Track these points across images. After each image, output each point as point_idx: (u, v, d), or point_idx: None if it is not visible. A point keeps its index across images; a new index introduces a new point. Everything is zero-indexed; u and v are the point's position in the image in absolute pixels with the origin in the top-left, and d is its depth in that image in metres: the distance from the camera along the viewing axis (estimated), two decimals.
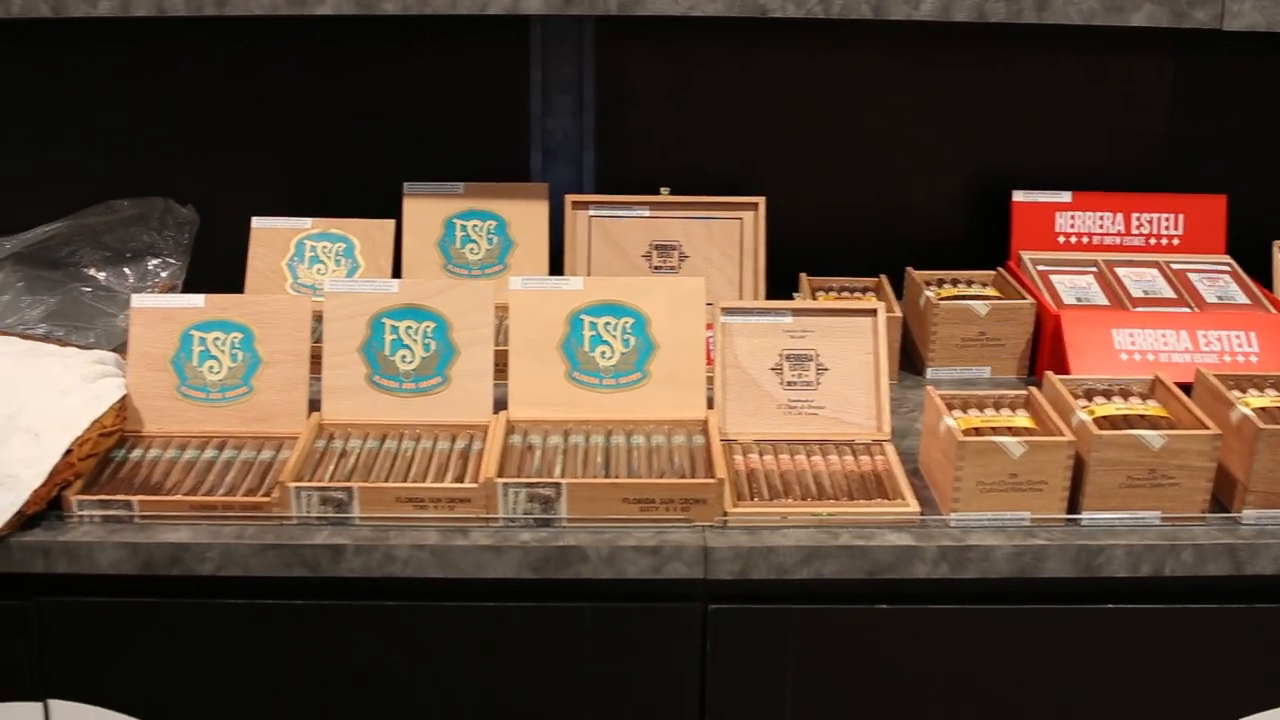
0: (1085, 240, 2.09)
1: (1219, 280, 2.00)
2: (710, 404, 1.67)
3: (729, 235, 1.97)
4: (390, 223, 1.99)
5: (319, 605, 1.52)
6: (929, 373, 1.91)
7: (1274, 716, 1.58)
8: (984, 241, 2.13)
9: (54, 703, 1.56)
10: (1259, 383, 1.66)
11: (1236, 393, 1.61)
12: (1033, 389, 1.64)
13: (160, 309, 1.68)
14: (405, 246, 1.99)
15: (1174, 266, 2.03)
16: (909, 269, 2.00)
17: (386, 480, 1.54)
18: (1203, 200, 2.09)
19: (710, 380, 1.68)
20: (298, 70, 2.08)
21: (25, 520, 1.48)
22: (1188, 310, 1.91)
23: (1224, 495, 1.55)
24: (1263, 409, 1.57)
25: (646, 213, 1.98)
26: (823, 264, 2.03)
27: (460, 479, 1.54)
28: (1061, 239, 2.08)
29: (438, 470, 1.56)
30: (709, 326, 1.69)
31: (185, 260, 2.05)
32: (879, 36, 2.02)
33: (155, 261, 2.05)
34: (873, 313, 1.70)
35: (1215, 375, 1.63)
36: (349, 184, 2.07)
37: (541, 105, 2.08)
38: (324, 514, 1.50)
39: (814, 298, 1.95)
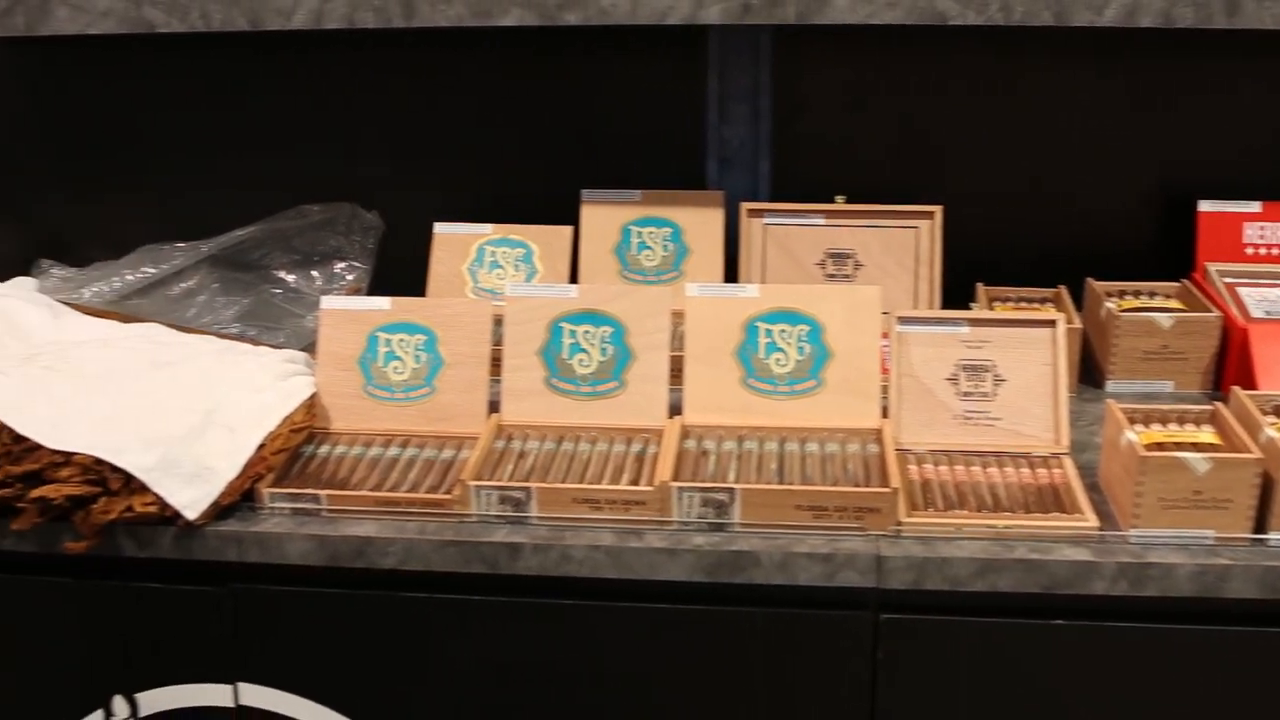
0: (1275, 252, 2.02)
1: None
2: (885, 413, 1.66)
3: (904, 244, 1.96)
4: (568, 229, 2.02)
5: (495, 601, 1.55)
6: (1109, 385, 1.87)
7: None
8: (1168, 252, 2.08)
9: (243, 685, 1.62)
10: None
11: None
12: (1218, 404, 1.60)
13: (348, 310, 1.74)
14: (582, 252, 2.02)
15: None
16: (1089, 280, 1.97)
17: (563, 481, 1.57)
18: None
19: (885, 389, 1.67)
20: (479, 79, 2.13)
21: (220, 511, 1.55)
22: None
23: None
24: None
25: (821, 221, 1.98)
26: (1000, 274, 2.00)
27: (635, 482, 1.56)
28: (1250, 250, 2.02)
29: (613, 472, 1.59)
30: (884, 335, 1.69)
31: (370, 264, 2.11)
32: (1060, 42, 1.99)
33: (341, 265, 2.12)
34: (1052, 324, 1.68)
35: None
36: (528, 191, 2.11)
37: (718, 114, 2.10)
38: (503, 512, 1.54)
39: (991, 308, 1.93)
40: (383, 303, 1.74)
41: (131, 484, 1.52)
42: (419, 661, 1.59)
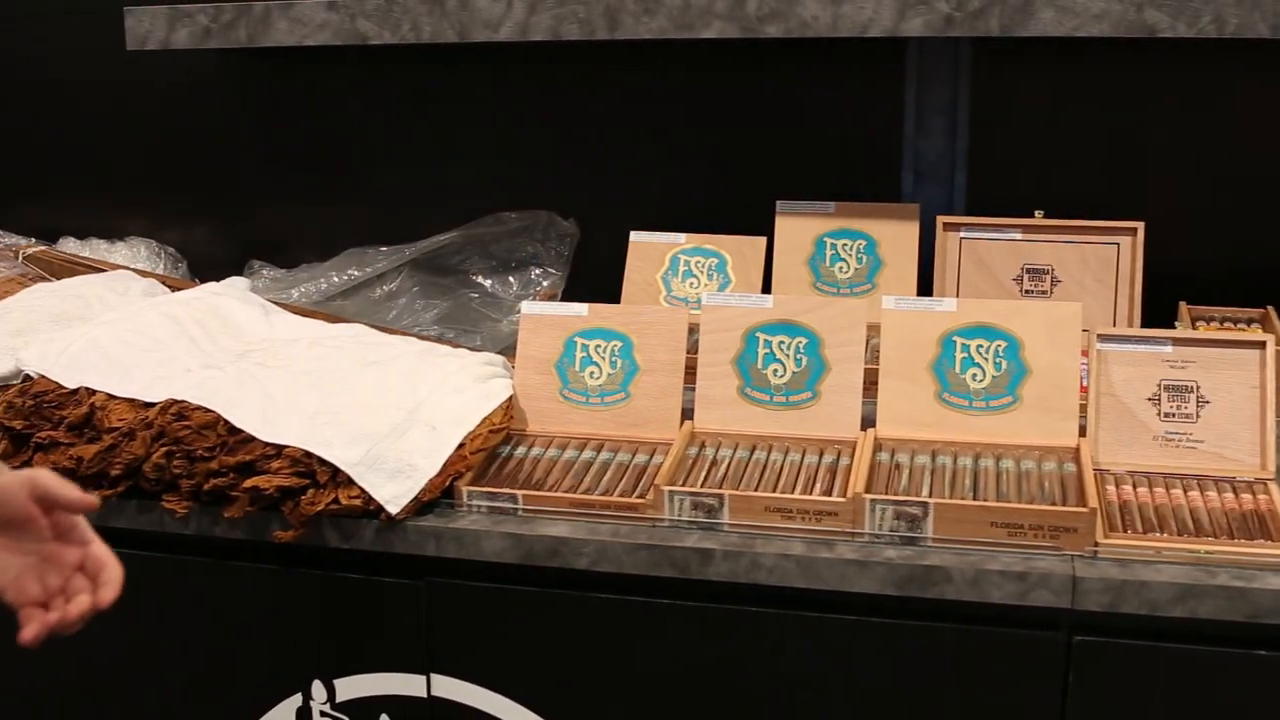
0: None
1: None
2: (1082, 432, 1.64)
3: (1104, 261, 1.92)
4: (761, 240, 2.03)
5: (685, 606, 1.56)
6: None
7: None
8: None
9: (436, 677, 1.67)
10: None
11: None
12: None
13: (547, 316, 1.78)
14: (775, 263, 2.03)
15: None
16: None
17: (755, 489, 1.58)
18: None
19: (1083, 408, 1.65)
20: (678, 90, 2.15)
21: (420, 506, 1.60)
22: None
23: None
24: None
25: (1018, 235, 1.95)
26: (1203, 293, 1.95)
27: (828, 492, 1.57)
28: None
29: (805, 482, 1.59)
30: (1084, 353, 1.66)
31: (565, 271, 2.16)
32: (1270, 55, 1.93)
33: (537, 271, 2.17)
34: (1261, 345, 1.63)
35: None
36: (723, 201, 2.13)
37: (915, 126, 2.09)
38: (695, 518, 1.56)
39: (1194, 328, 1.88)
40: (580, 309, 1.77)
41: (338, 477, 1.58)
42: (607, 662, 1.62)
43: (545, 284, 2.13)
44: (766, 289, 2.02)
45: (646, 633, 1.59)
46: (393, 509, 1.57)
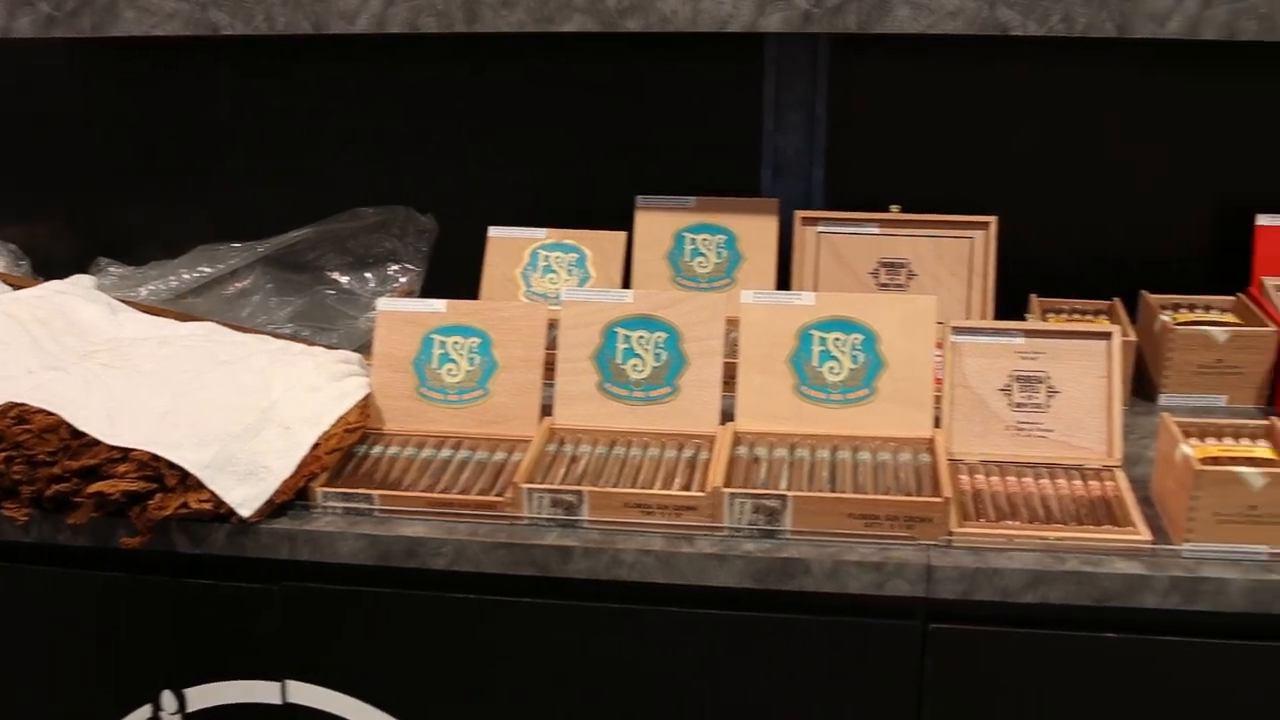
0: None
1: None
2: (937, 423, 1.66)
3: (959, 254, 1.95)
4: (622, 235, 2.03)
5: (545, 604, 1.56)
6: (1161, 399, 1.86)
7: None
8: (1224, 266, 2.06)
9: (291, 683, 1.63)
10: None
11: None
12: (1274, 419, 1.58)
13: (404, 313, 1.75)
14: (635, 258, 2.03)
15: None
16: (1144, 292, 1.96)
17: (615, 485, 1.57)
18: None
19: (938, 399, 1.67)
20: (537, 85, 2.14)
21: (274, 509, 1.56)
22: None
23: None
24: None
25: (875, 230, 1.97)
26: (1054, 285, 1.99)
27: (687, 487, 1.57)
28: None
29: (665, 478, 1.59)
30: (938, 346, 1.69)
31: (423, 267, 2.13)
32: (1120, 54, 1.97)
33: (395, 267, 2.14)
34: (1108, 336, 1.67)
35: None
36: (582, 196, 2.12)
37: (774, 121, 2.10)
38: (554, 515, 1.54)
39: (1044, 319, 1.92)
40: (438, 305, 1.75)
41: (187, 481, 1.54)
42: (467, 663, 1.60)
43: (403, 280, 2.10)
44: (627, 284, 2.01)
45: (507, 632, 1.58)
46: (244, 512, 1.53)
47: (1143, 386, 1.90)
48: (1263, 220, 2.01)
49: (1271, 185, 2.06)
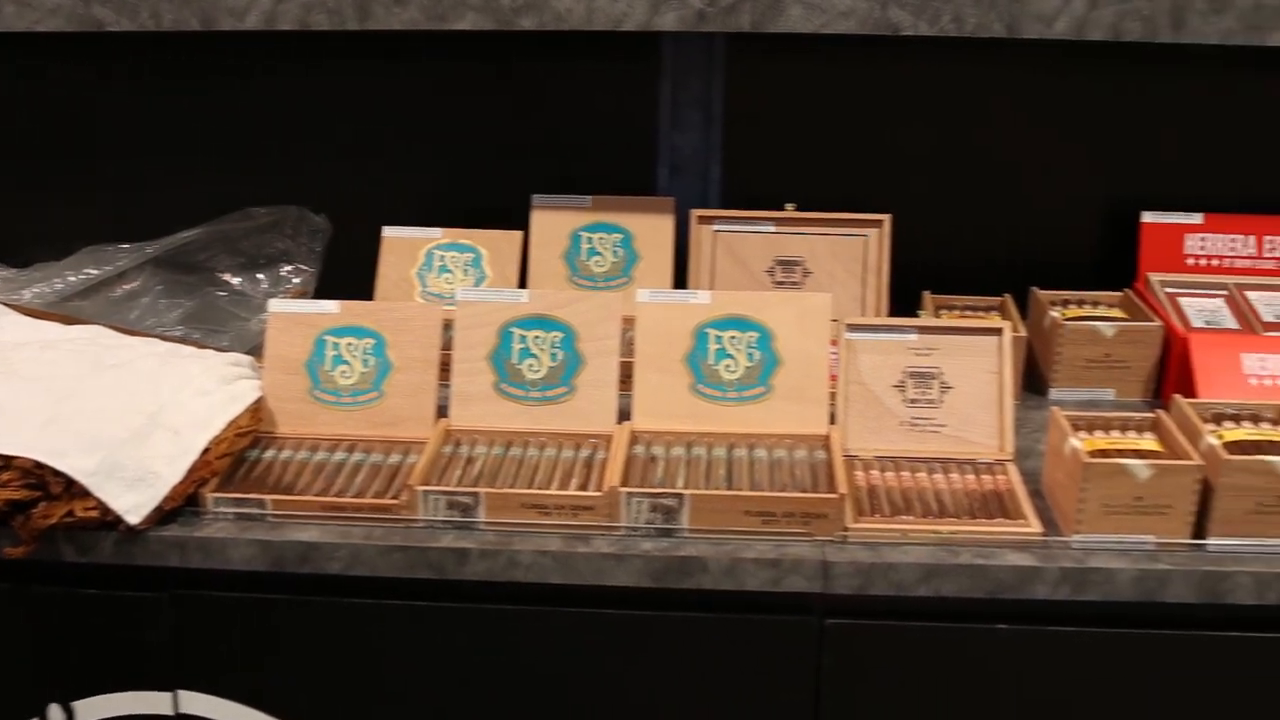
0: (1215, 263, 2.05)
1: None
2: (833, 420, 1.67)
3: (853, 252, 1.97)
4: (518, 234, 2.02)
5: (442, 607, 1.54)
6: (1052, 393, 1.89)
7: None
8: (1111, 262, 2.10)
9: (183, 693, 1.60)
10: None
11: None
12: (1160, 412, 1.62)
13: (296, 314, 1.73)
14: (532, 258, 2.02)
15: None
16: (1034, 289, 1.99)
17: (512, 486, 1.56)
18: None
19: (833, 396, 1.68)
20: (430, 83, 2.12)
21: (163, 516, 1.53)
22: None
23: None
24: None
25: (771, 228, 1.98)
26: (946, 282, 2.02)
27: (584, 487, 1.56)
28: (1191, 261, 2.05)
29: (562, 478, 1.58)
30: (833, 343, 1.70)
31: (317, 268, 2.10)
32: (1011, 54, 2.00)
33: (288, 268, 2.10)
34: (998, 331, 1.69)
35: None
36: (478, 195, 2.10)
37: (670, 120, 2.10)
38: (450, 518, 1.53)
39: (937, 316, 1.95)
40: (331, 306, 1.73)
41: (73, 488, 1.50)
42: (364, 668, 1.58)
43: (296, 281, 2.07)
44: (523, 284, 2.00)
45: (404, 637, 1.56)
46: (133, 519, 1.50)
47: (1034, 381, 1.93)
48: (1148, 217, 2.05)
49: (1157, 183, 2.10)
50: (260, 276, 2.10)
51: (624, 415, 1.69)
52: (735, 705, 1.56)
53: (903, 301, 1.97)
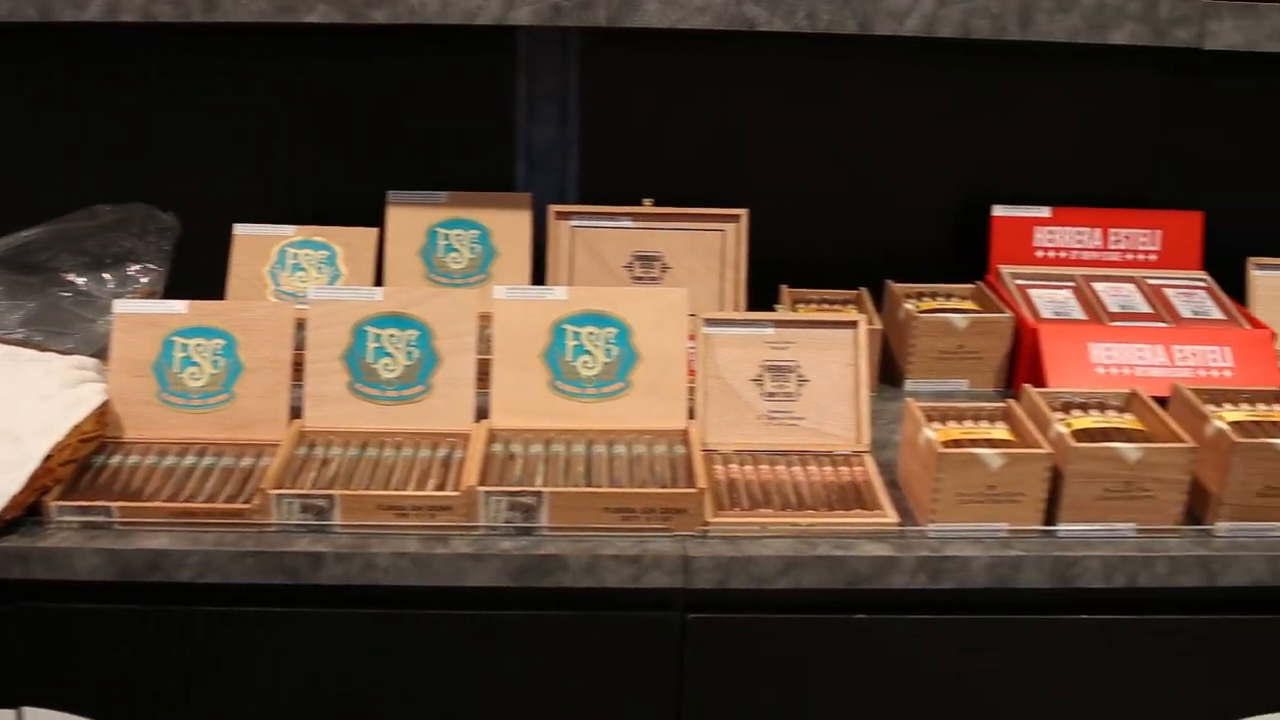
0: (1063, 255, 2.10)
1: (1195, 296, 2.02)
2: (691, 414, 1.68)
3: (711, 247, 1.98)
4: (373, 231, 1.99)
5: (298, 613, 1.52)
6: (907, 385, 1.92)
7: None
8: (964, 255, 2.14)
9: (29, 710, 1.55)
10: (1234, 397, 1.67)
11: (1211, 407, 1.63)
12: (1011, 402, 1.65)
13: (143, 315, 1.68)
14: (388, 255, 1.99)
15: (1151, 282, 2.05)
16: (889, 282, 2.01)
17: (368, 488, 1.54)
18: (1179, 217, 2.11)
19: (691, 391, 1.68)
20: (283, 78, 2.08)
21: (4, 526, 1.48)
22: (1164, 325, 1.93)
23: (1198, 508, 1.56)
24: (1237, 423, 1.58)
25: (629, 224, 1.98)
26: (804, 276, 2.03)
27: (441, 487, 1.54)
28: (1040, 254, 2.10)
29: (419, 478, 1.56)
30: (691, 337, 1.70)
31: (166, 267, 2.04)
32: (864, 51, 2.03)
33: (135, 268, 2.04)
34: (853, 325, 1.71)
35: (1191, 390, 1.64)
36: (332, 192, 2.07)
37: (526, 115, 2.09)
38: (304, 521, 1.50)
39: (794, 310, 1.96)
40: (179, 306, 1.69)
41: None
42: (220, 678, 1.55)
43: (144, 281, 2.01)
44: (379, 281, 1.97)
45: (260, 644, 1.53)
46: None
47: (889, 373, 1.96)
48: (999, 211, 2.10)
49: (1007, 177, 2.15)
50: (106, 276, 2.03)
51: (482, 413, 1.67)
52: (599, 702, 1.56)
53: (761, 296, 1.99)
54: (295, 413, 1.67)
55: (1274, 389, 1.69)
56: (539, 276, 1.99)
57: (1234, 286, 2.05)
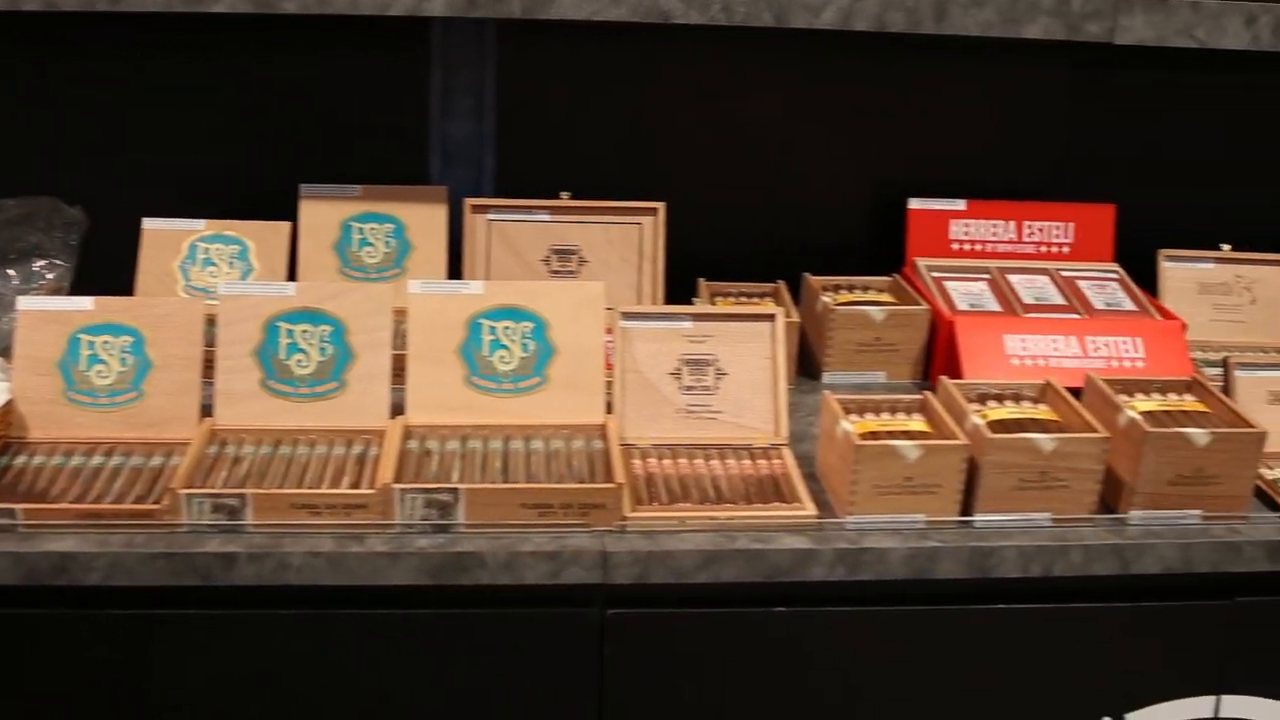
0: (979, 248, 2.12)
1: (1107, 288, 2.04)
2: (609, 409, 1.67)
3: (628, 240, 1.97)
4: (286, 225, 1.96)
5: (210, 615, 1.49)
6: (825, 377, 1.93)
7: (1157, 711, 1.62)
8: (881, 248, 2.15)
9: None
10: (1145, 387, 1.70)
11: (1124, 397, 1.65)
12: (927, 393, 1.66)
13: (48, 311, 1.64)
14: (301, 249, 1.96)
15: (1064, 274, 2.07)
16: (806, 275, 2.02)
17: (281, 487, 1.52)
18: (1092, 209, 2.14)
19: (609, 385, 1.67)
20: (193, 69, 2.04)
21: None
22: (1077, 317, 1.95)
23: (1112, 497, 1.58)
24: (1149, 413, 1.61)
25: (546, 217, 1.97)
26: (722, 270, 2.03)
27: (356, 485, 1.52)
28: (956, 246, 2.12)
29: (334, 476, 1.54)
30: (608, 331, 1.69)
31: (73, 262, 2.00)
32: (781, 44, 2.03)
33: (41, 263, 2.00)
34: (771, 318, 1.71)
35: (1104, 380, 1.66)
36: (244, 185, 2.03)
37: (441, 108, 2.07)
38: (216, 521, 1.47)
39: (713, 303, 1.96)
40: (85, 303, 1.65)
41: None
42: (131, 682, 1.51)
43: (50, 277, 1.96)
44: (293, 277, 1.95)
45: (173, 647, 1.50)
46: None
47: (808, 365, 1.96)
48: (914, 204, 2.11)
49: (923, 171, 2.16)
50: (11, 272, 1.99)
51: (397, 410, 1.65)
52: (519, 699, 1.55)
53: (679, 289, 1.98)
54: (206, 410, 1.64)
55: (1185, 379, 1.72)
56: (455, 271, 1.97)
57: (1145, 278, 2.08)
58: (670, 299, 1.96)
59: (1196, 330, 2.02)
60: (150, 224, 1.95)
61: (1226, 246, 2.11)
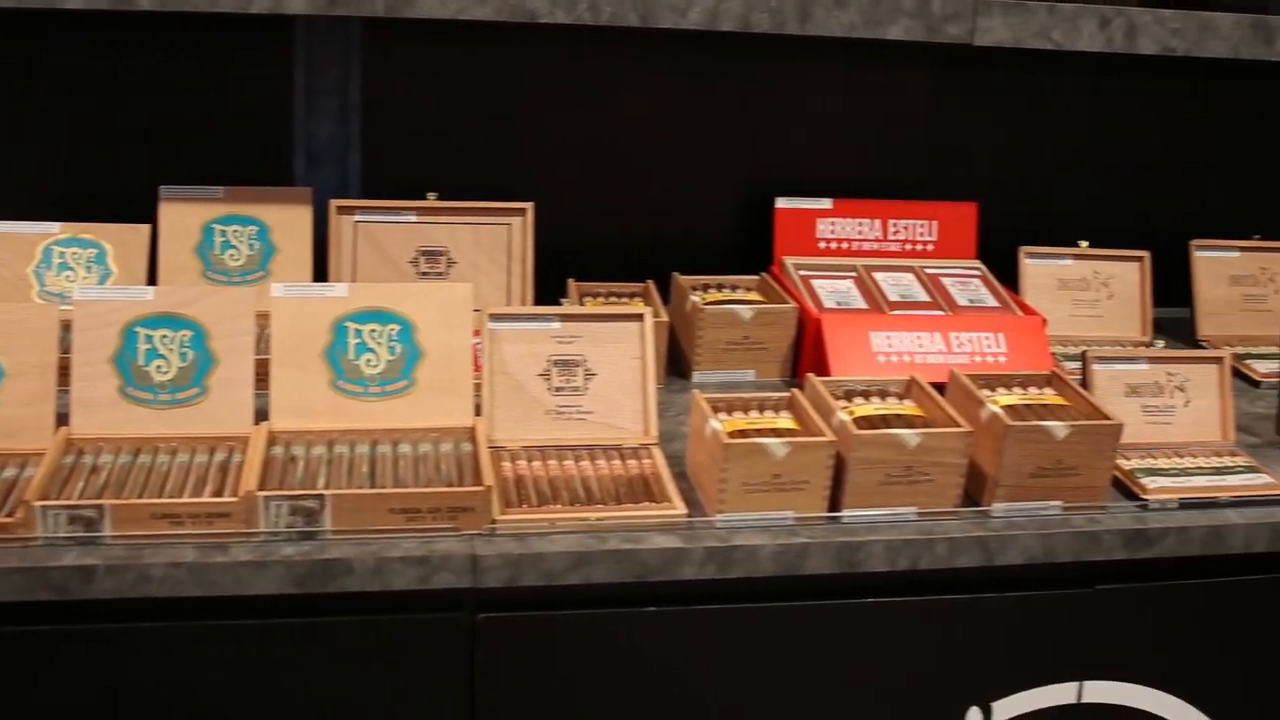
0: (845, 246, 2.15)
1: (970, 284, 2.08)
2: (478, 411, 1.66)
3: (497, 241, 1.96)
4: (145, 227, 1.91)
5: (69, 630, 1.45)
6: (695, 376, 1.94)
7: (1023, 699, 1.66)
8: (749, 247, 2.17)
9: None
10: (1007, 382, 1.73)
11: (986, 391, 1.68)
12: (795, 391, 1.67)
13: None
14: (161, 252, 1.92)
15: (928, 271, 2.11)
16: (675, 274, 2.03)
17: (140, 496, 1.48)
18: (955, 208, 2.18)
19: (478, 387, 1.66)
20: (50, 66, 1.98)
21: None
22: (941, 313, 1.99)
23: (975, 490, 1.61)
24: (1010, 407, 1.64)
25: (413, 218, 1.95)
26: (591, 270, 2.03)
27: (219, 493, 1.49)
28: (822, 244, 2.14)
29: (196, 484, 1.51)
30: (477, 333, 1.68)
31: None
32: (647, 44, 2.04)
33: None
34: (639, 318, 1.71)
35: (967, 375, 1.70)
36: (102, 187, 1.98)
37: (305, 108, 2.04)
38: (73, 534, 1.43)
39: (582, 303, 1.96)
40: None
41: None
42: None
43: None
44: (153, 280, 1.90)
45: (27, 665, 1.45)
46: None
47: (678, 365, 1.97)
48: (781, 203, 2.13)
49: (789, 170, 2.19)
50: None
51: (261, 415, 1.62)
52: (390, 706, 1.53)
53: (549, 289, 1.98)
54: (62, 419, 1.59)
55: (1045, 373, 1.76)
56: (321, 273, 1.94)
57: (1007, 274, 2.12)
58: (540, 299, 1.95)
59: (1056, 325, 2.07)
60: (2, 227, 1.89)
61: (1084, 243, 2.17)
